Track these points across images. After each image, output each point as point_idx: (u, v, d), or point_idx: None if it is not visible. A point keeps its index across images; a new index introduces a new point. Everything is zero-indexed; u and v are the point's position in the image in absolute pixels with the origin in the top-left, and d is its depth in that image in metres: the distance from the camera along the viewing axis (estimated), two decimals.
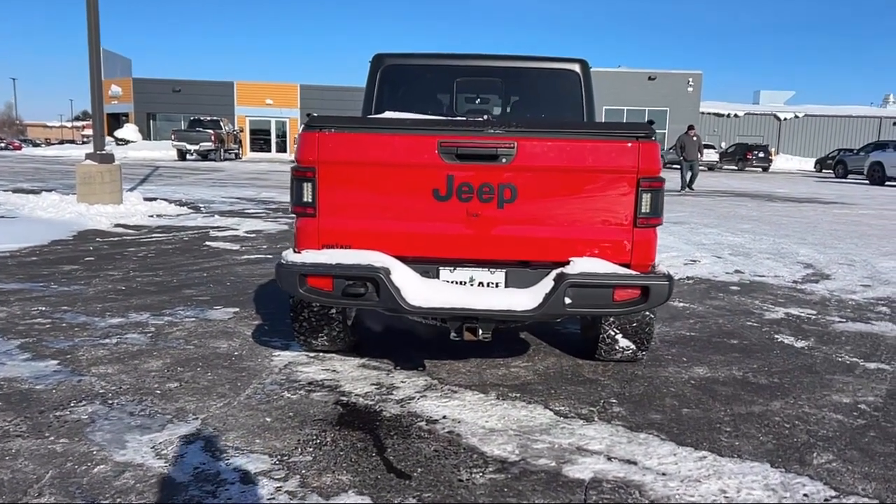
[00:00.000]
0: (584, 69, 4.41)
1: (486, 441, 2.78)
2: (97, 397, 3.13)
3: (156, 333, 4.13)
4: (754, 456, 2.70)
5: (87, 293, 5.08)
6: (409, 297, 2.78)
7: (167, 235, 8.10)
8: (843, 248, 8.35)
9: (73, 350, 3.77)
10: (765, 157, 38.16)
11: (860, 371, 3.76)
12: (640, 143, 2.78)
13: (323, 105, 42.63)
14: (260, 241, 7.92)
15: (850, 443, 2.84)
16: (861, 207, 14.61)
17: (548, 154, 2.78)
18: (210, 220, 9.60)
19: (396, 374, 3.53)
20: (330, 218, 2.87)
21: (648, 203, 2.83)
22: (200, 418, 2.93)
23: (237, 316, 4.57)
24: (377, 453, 2.66)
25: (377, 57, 4.36)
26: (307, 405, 3.10)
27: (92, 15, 9.61)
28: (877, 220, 11.77)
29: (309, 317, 3.56)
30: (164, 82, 43.11)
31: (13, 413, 2.92)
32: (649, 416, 3.08)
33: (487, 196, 2.80)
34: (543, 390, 3.36)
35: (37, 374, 3.39)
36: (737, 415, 3.12)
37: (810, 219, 11.85)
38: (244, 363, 3.65)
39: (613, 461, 2.63)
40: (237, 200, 12.76)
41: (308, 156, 2.82)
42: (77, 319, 4.38)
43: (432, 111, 4.44)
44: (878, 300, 5.52)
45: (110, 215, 9.25)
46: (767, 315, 4.96)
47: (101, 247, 7.18)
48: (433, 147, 2.78)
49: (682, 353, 4.00)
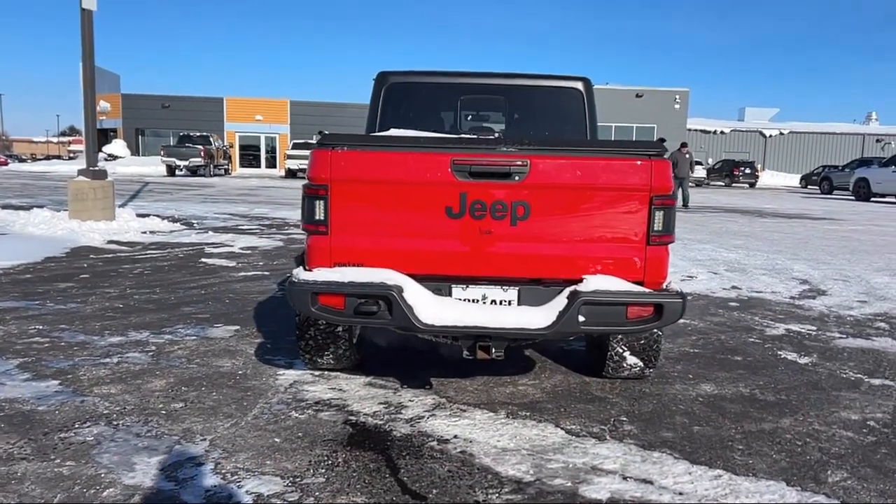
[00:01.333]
0: (587, 87, 4.44)
1: (499, 461, 2.75)
2: (101, 418, 3.07)
3: (157, 352, 4.07)
4: (769, 474, 2.69)
5: (85, 311, 5.02)
6: (422, 315, 2.76)
7: (162, 252, 8.03)
8: (836, 263, 8.41)
9: (74, 370, 3.71)
10: (752, 174, 38.56)
11: (865, 387, 3.77)
12: (652, 162, 2.80)
13: (313, 121, 42.67)
14: (256, 257, 7.87)
15: (863, 460, 2.84)
16: (850, 223, 14.76)
17: (560, 172, 2.78)
18: (204, 236, 9.54)
19: (404, 393, 3.50)
20: (342, 236, 2.85)
21: (661, 221, 2.84)
22: (208, 439, 2.89)
23: (238, 334, 4.53)
24: (391, 474, 2.63)
25: (381, 74, 4.37)
26: (316, 425, 3.06)
27: (86, 31, 9.58)
28: (866, 236, 11.89)
29: (315, 335, 3.53)
30: (152, 98, 42.99)
31: (17, 435, 2.87)
32: (661, 434, 3.07)
33: (500, 214, 2.80)
34: (553, 408, 3.35)
35: (38, 395, 3.33)
36: (748, 432, 3.11)
37: (801, 235, 11.94)
38: (249, 382, 3.60)
39: (629, 481, 2.61)
40: (230, 216, 12.70)
41: (321, 173, 2.81)
42: (76, 338, 4.32)
43: (436, 128, 4.44)
44: (876, 316, 5.55)
45: (103, 232, 9.16)
46: (768, 331, 4.97)
47: (95, 264, 7.10)
48: (446, 165, 2.78)
49: (687, 370, 3.99)
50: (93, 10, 9.62)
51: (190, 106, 42.57)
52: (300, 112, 43.28)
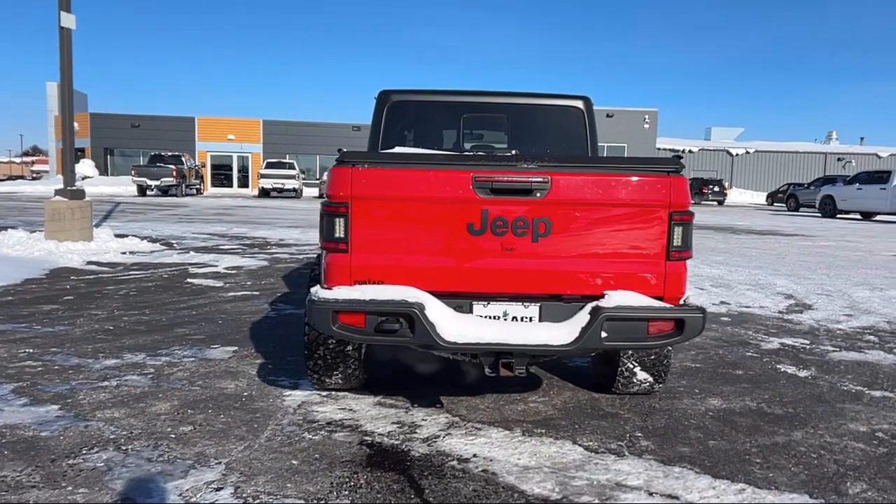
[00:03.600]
0: (588, 106, 4.50)
1: (523, 479, 2.73)
2: (109, 443, 2.98)
3: (156, 375, 3.98)
4: (791, 487, 2.71)
5: (75, 334, 4.88)
6: (444, 332, 2.74)
7: (145, 273, 7.87)
8: (816, 278, 8.58)
9: (73, 394, 3.60)
10: (720, 191, 39.25)
11: (867, 399, 3.83)
12: (671, 178, 2.83)
13: (286, 140, 42.54)
14: (242, 277, 7.76)
15: (879, 471, 2.88)
16: (821, 239, 15.09)
17: (581, 188, 2.80)
18: (186, 256, 9.39)
19: (415, 412, 3.46)
20: (362, 253, 2.82)
21: (680, 236, 2.87)
22: (224, 462, 2.82)
23: (237, 355, 4.44)
24: (416, 495, 2.59)
25: (383, 93, 4.37)
26: (332, 446, 3.01)
27: (65, 50, 9.44)
28: (840, 252, 12.17)
29: (324, 354, 3.48)
30: (122, 117, 42.43)
31: (22, 462, 2.76)
32: (678, 449, 3.07)
33: (522, 230, 2.80)
34: (567, 425, 3.34)
35: (39, 421, 3.22)
36: (762, 446, 3.13)
37: (777, 251, 12.17)
38: (256, 404, 3.53)
39: (655, 496, 2.60)
40: (209, 236, 12.53)
41: (340, 191, 2.78)
42: (69, 361, 4.19)
43: (438, 146, 4.45)
44: (864, 329, 5.67)
45: (82, 252, 8.96)
46: (764, 345, 5.04)
47: (77, 285, 6.93)
48: (468, 182, 2.77)
49: (692, 385, 4.02)
50: (72, 28, 9.49)
51: (160, 125, 42.11)
52: (273, 131, 43.08)
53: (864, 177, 25.47)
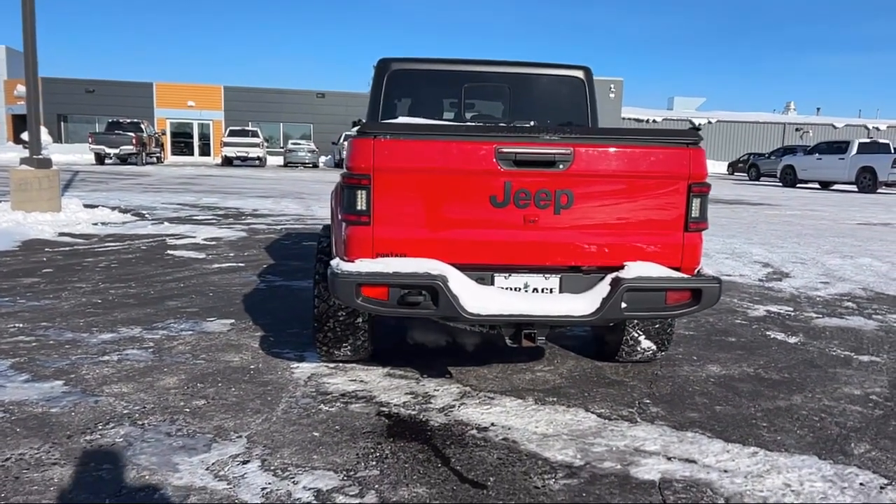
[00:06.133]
0: (588, 76, 4.50)
1: (544, 447, 2.78)
2: (124, 418, 2.94)
3: (157, 348, 3.92)
4: (800, 449, 2.82)
5: (63, 307, 4.77)
6: (467, 304, 2.76)
7: (122, 245, 7.69)
8: (788, 247, 8.82)
9: (75, 369, 3.54)
10: None
11: (857, 364, 3.98)
12: (690, 150, 2.87)
13: (249, 107, 41.61)
14: (223, 248, 7.64)
15: (879, 432, 3.01)
16: (787, 208, 15.48)
17: (603, 160, 2.82)
18: (161, 227, 9.19)
19: (426, 383, 3.49)
20: (385, 226, 2.80)
21: (698, 208, 2.92)
22: (244, 436, 2.81)
23: (235, 328, 4.40)
24: (442, 464, 2.62)
25: (383, 61, 4.30)
26: (350, 417, 3.02)
27: (27, 12, 9.03)
28: (806, 221, 12.50)
29: (334, 326, 3.47)
30: (76, 82, 40.91)
31: (38, 439, 2.71)
32: (687, 414, 3.16)
33: (545, 202, 2.81)
34: (577, 393, 3.40)
35: (46, 397, 3.16)
36: (766, 410, 3.25)
37: (747, 220, 12.45)
38: (265, 377, 3.51)
39: (674, 461, 2.69)
40: (180, 206, 12.27)
41: (362, 163, 2.75)
42: (63, 336, 4.10)
43: (439, 116, 4.41)
44: (842, 296, 5.87)
45: (52, 224, 8.70)
46: (751, 313, 5.18)
47: (54, 257, 6.75)
48: (491, 154, 2.77)
49: (690, 352, 4.13)
50: None
51: (117, 91, 40.75)
52: (235, 98, 42.08)
53: (824, 147, 26.09)
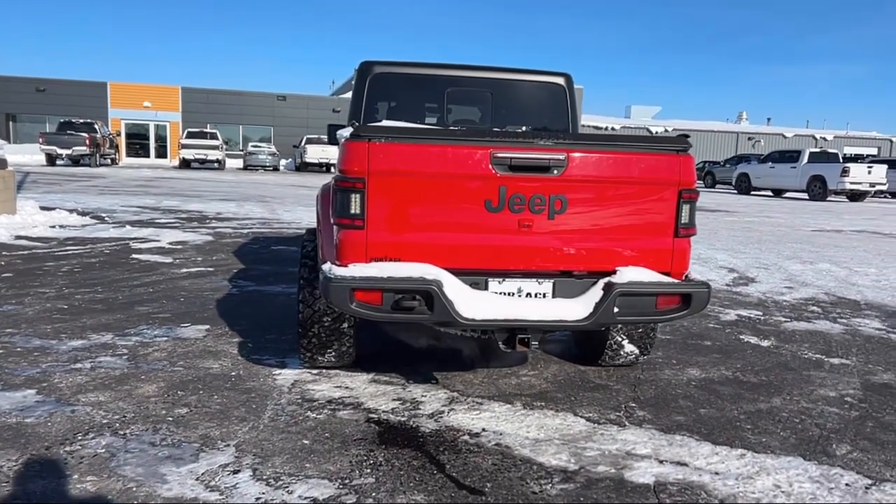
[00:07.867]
0: (569, 82, 4.54)
1: (537, 452, 2.78)
2: (104, 428, 2.84)
3: (131, 355, 3.80)
4: (785, 450, 2.88)
5: (27, 313, 4.59)
6: (462, 309, 2.74)
7: (83, 248, 7.46)
8: (750, 252, 9.05)
9: (46, 377, 3.40)
10: None
11: (828, 367, 4.09)
12: (680, 157, 2.91)
13: (208, 109, 40.89)
14: (190, 252, 7.47)
15: (858, 433, 3.09)
16: (744, 215, 15.88)
17: (597, 166, 2.84)
18: (122, 230, 8.94)
19: (413, 389, 3.46)
20: (379, 230, 2.77)
21: (687, 213, 2.97)
22: (232, 444, 2.74)
23: (211, 334, 4.30)
24: (438, 470, 2.60)
25: (366, 64, 4.26)
26: (339, 425, 2.98)
27: None
28: (764, 227, 12.85)
29: (319, 332, 3.42)
30: (25, 80, 39.66)
31: (15, 451, 2.60)
32: (673, 418, 3.20)
33: (539, 207, 2.82)
34: (564, 398, 3.42)
35: (19, 406, 3.03)
36: (749, 412, 3.31)
37: (708, 226, 12.72)
38: (247, 384, 3.44)
39: (666, 464, 2.72)
40: (140, 209, 11.97)
41: (356, 166, 2.71)
42: (31, 343, 3.95)
43: (421, 120, 4.39)
44: (807, 301, 6.03)
45: (7, 226, 8.38)
46: (723, 317, 5.29)
47: (13, 261, 6.50)
48: (486, 158, 2.76)
49: (669, 356, 4.18)
50: None
51: (69, 90, 39.62)
52: (193, 99, 41.33)
53: (777, 156, 26.91)
